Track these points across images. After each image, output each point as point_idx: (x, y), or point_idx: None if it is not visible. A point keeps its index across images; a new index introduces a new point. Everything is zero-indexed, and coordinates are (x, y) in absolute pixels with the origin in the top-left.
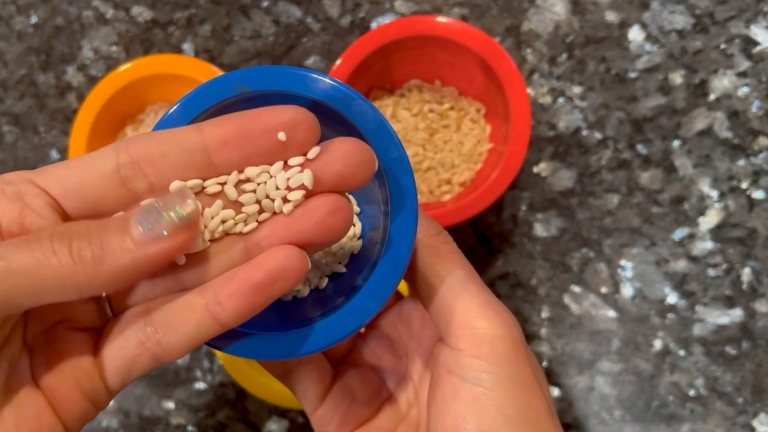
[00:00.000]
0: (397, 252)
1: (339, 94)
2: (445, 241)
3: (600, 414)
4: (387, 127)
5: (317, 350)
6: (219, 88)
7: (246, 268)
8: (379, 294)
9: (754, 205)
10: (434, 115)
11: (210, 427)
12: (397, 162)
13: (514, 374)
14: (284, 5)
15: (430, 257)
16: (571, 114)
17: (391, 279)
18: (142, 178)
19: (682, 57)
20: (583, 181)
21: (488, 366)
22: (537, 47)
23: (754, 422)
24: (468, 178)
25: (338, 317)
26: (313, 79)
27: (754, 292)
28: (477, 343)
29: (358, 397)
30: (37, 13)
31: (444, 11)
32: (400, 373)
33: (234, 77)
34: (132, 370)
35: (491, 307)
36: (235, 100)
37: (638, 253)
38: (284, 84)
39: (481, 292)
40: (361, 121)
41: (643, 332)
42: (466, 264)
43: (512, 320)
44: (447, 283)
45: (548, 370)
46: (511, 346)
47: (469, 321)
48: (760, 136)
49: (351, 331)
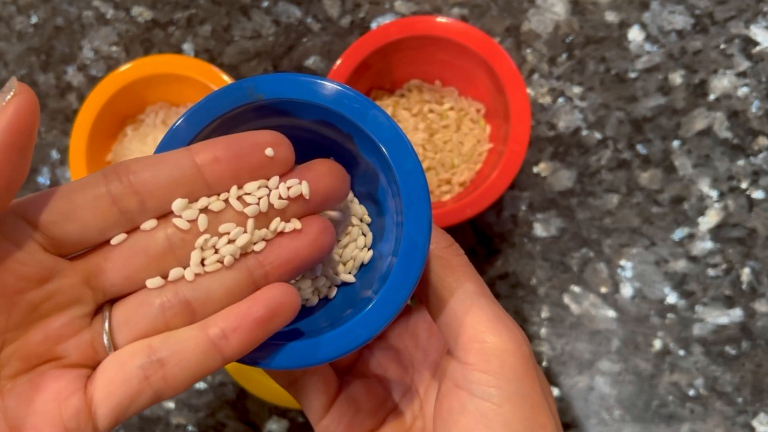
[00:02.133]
0: (410, 264)
1: (355, 103)
2: (456, 253)
3: (600, 414)
4: (402, 137)
5: (326, 361)
6: (234, 95)
7: (247, 303)
8: (391, 306)
9: (754, 205)
10: (434, 115)
11: (210, 427)
12: (411, 173)
13: (522, 390)
14: (284, 5)
15: (440, 269)
16: (571, 114)
17: (402, 291)
18: (136, 199)
19: (681, 57)
20: (583, 181)
21: (497, 381)
22: (537, 47)
23: (754, 422)
24: (468, 178)
25: (349, 328)
26: (328, 88)
27: (753, 292)
28: (486, 358)
29: (363, 408)
30: (38, 14)
31: (444, 11)
32: (406, 385)
33: (248, 84)
34: (130, 407)
35: (501, 321)
36: (246, 108)
37: (638, 253)
38: (299, 93)
39: (492, 307)
40: (376, 131)
41: (642, 332)
42: (476, 277)
43: (522, 336)
44: (457, 296)
45: (548, 370)
46: (520, 361)
47: (479, 335)
48: (760, 136)
49: (361, 343)
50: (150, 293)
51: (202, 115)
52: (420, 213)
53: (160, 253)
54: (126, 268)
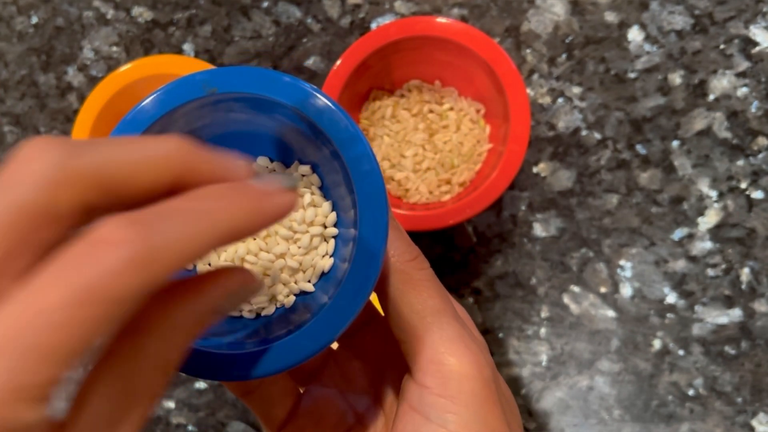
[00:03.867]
0: (365, 272)
1: (312, 100)
2: (420, 267)
3: (599, 414)
4: (359, 137)
5: (272, 373)
6: (187, 88)
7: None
8: (343, 315)
9: (753, 205)
10: (434, 115)
11: (210, 426)
12: (368, 175)
13: (480, 416)
14: (284, 6)
15: (402, 284)
16: (571, 114)
17: (356, 299)
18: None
19: (681, 57)
20: (583, 181)
21: (454, 407)
22: (536, 48)
23: (753, 422)
24: (468, 179)
25: (298, 338)
26: (284, 84)
27: (753, 292)
28: (443, 381)
29: (323, 422)
30: (38, 14)
31: (444, 12)
32: (370, 400)
33: (202, 77)
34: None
35: (463, 342)
36: (203, 102)
37: (637, 253)
38: (253, 87)
39: (452, 325)
40: (331, 128)
41: (642, 332)
42: (441, 293)
43: (485, 358)
44: (418, 314)
45: (548, 370)
46: (480, 385)
47: (438, 356)
48: (759, 136)
49: (311, 353)
50: None
51: (156, 109)
52: (376, 218)
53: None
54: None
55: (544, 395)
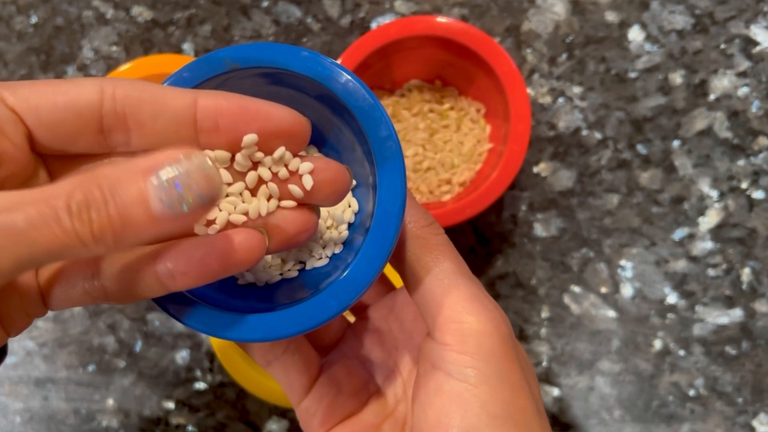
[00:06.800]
0: (384, 234)
1: (328, 71)
2: (435, 232)
3: (600, 414)
4: (377, 104)
5: (294, 334)
6: (210, 65)
7: (204, 249)
8: (364, 277)
9: (754, 205)
10: (434, 115)
11: (210, 427)
12: (385, 141)
13: (500, 371)
14: (284, 5)
15: (418, 249)
16: (571, 114)
17: (376, 262)
18: (123, 134)
19: (681, 57)
20: (583, 181)
21: (474, 362)
22: (537, 47)
23: (754, 422)
24: (468, 178)
25: (320, 300)
26: (303, 57)
27: (753, 292)
28: (463, 339)
29: (345, 389)
30: (37, 13)
31: (444, 11)
32: (389, 368)
33: (225, 54)
34: (75, 307)
35: (479, 301)
36: (226, 78)
37: (638, 253)
38: (274, 61)
39: (470, 286)
40: (350, 99)
41: (642, 332)
42: (455, 256)
43: (501, 316)
44: (435, 276)
45: (548, 370)
46: (498, 342)
47: (456, 315)
48: (760, 136)
49: (332, 315)
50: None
51: (180, 85)
52: (394, 181)
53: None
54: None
55: (545, 395)
